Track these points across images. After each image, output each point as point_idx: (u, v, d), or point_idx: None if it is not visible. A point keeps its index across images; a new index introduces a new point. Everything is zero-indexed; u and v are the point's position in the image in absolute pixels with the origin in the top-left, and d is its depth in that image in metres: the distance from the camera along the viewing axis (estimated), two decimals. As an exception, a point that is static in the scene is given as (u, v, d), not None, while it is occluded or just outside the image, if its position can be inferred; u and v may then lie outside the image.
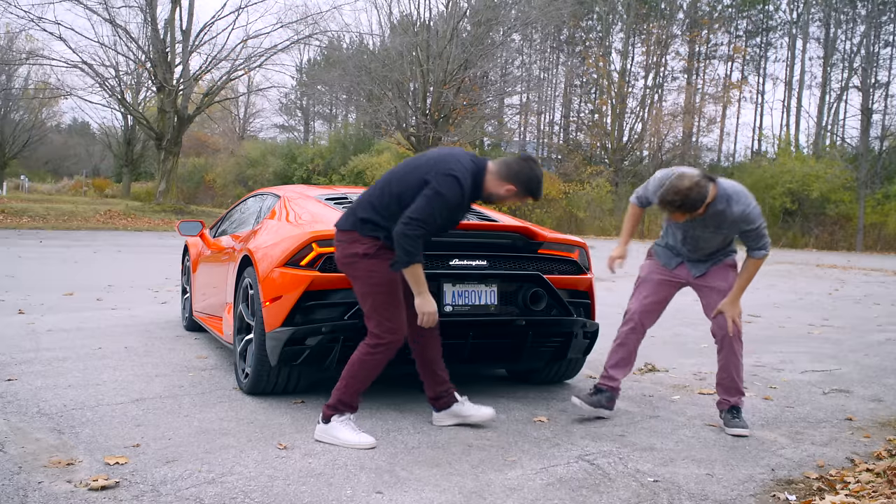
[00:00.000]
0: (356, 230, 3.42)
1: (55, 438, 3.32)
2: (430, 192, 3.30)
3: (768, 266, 17.91)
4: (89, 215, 24.50)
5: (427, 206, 3.28)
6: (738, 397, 3.88)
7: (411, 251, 3.27)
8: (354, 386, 3.45)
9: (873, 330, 7.80)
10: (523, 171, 3.44)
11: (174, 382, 4.46)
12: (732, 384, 3.87)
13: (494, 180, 3.44)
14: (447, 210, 3.35)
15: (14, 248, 14.35)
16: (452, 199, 3.33)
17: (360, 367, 3.44)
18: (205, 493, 2.76)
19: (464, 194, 3.36)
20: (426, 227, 3.29)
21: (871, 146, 32.04)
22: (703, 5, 41.64)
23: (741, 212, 3.63)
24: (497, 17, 30.60)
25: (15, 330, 5.99)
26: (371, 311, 3.43)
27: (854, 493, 2.95)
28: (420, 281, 3.36)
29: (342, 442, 3.38)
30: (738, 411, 3.86)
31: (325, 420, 3.45)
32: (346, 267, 3.49)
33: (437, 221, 3.33)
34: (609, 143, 38.91)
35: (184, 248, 6.82)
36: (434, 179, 3.32)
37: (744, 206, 3.63)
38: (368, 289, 3.42)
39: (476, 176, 3.42)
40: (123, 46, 27.78)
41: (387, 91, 28.58)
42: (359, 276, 3.43)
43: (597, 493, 2.91)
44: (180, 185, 36.22)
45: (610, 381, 3.99)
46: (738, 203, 3.62)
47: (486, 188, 3.46)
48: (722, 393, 3.91)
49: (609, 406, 3.98)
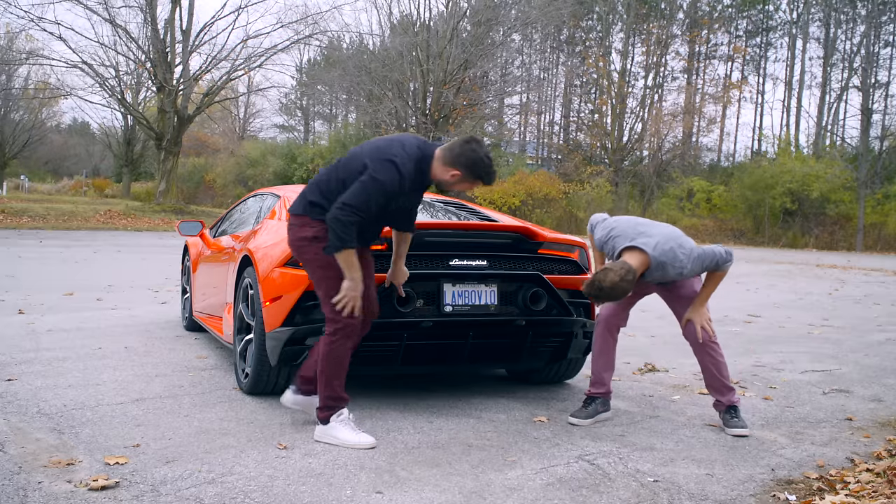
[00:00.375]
0: (307, 214, 3.40)
1: (55, 438, 3.32)
2: (366, 177, 3.23)
3: (768, 266, 17.92)
4: (89, 215, 24.50)
5: (362, 191, 3.22)
6: (730, 395, 3.87)
7: (343, 237, 3.22)
8: (333, 380, 3.42)
9: (873, 330, 7.80)
10: (464, 153, 3.31)
11: (174, 382, 4.46)
12: (720, 384, 3.85)
13: (440, 166, 3.36)
14: (384, 196, 3.26)
15: (14, 248, 14.35)
16: (389, 185, 3.24)
17: (328, 359, 3.41)
18: (205, 493, 2.76)
19: (402, 181, 3.27)
20: (360, 213, 3.22)
21: (871, 146, 32.04)
22: (703, 5, 41.64)
23: (678, 273, 3.65)
24: (497, 17, 30.62)
25: (15, 330, 5.99)
26: (325, 295, 3.40)
27: (854, 493, 2.95)
28: (352, 266, 3.30)
29: (342, 442, 3.38)
30: (735, 410, 3.86)
31: (324, 421, 3.45)
32: (297, 251, 3.47)
33: (371, 208, 3.25)
34: (609, 143, 38.92)
35: (184, 248, 6.82)
36: (372, 164, 3.26)
37: (680, 269, 3.63)
38: (321, 272, 3.39)
39: (420, 162, 3.34)
40: (123, 46, 27.83)
41: (387, 91, 28.60)
42: (310, 260, 3.41)
43: (597, 493, 2.91)
44: (180, 185, 36.21)
45: (600, 388, 3.98)
46: (673, 267, 3.61)
47: (433, 175, 3.38)
48: (714, 394, 3.91)
49: (606, 409, 3.99)
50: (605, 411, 3.99)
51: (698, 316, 3.81)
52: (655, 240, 3.60)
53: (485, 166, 3.33)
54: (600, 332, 3.98)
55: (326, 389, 3.44)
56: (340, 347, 3.40)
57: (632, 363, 5.59)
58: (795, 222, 31.34)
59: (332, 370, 3.42)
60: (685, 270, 3.65)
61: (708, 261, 3.68)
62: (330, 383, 3.43)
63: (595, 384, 3.99)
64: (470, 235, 4.12)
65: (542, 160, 45.26)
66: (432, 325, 3.87)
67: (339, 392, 3.45)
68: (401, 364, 4.04)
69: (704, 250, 3.68)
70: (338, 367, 3.42)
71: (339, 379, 3.45)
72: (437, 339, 3.96)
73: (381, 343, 3.91)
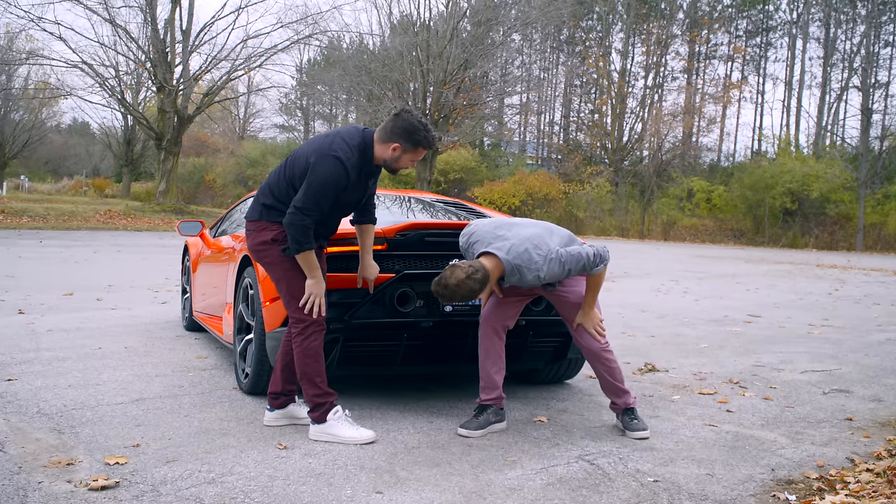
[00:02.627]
0: (263, 218, 3.42)
1: (55, 438, 3.32)
2: (311, 177, 3.26)
3: (768, 266, 17.92)
4: (89, 215, 24.51)
5: (310, 192, 3.25)
6: (626, 398, 3.74)
7: (300, 239, 3.26)
8: (315, 377, 3.43)
9: (873, 330, 7.80)
10: (398, 125, 3.32)
11: (174, 382, 4.46)
12: (615, 388, 3.74)
13: (380, 146, 3.37)
14: (333, 191, 3.29)
15: (14, 248, 14.35)
16: (335, 181, 3.26)
17: (304, 358, 3.41)
18: (205, 493, 2.76)
19: (348, 173, 3.29)
20: (312, 215, 3.25)
21: (871, 146, 32.05)
22: (703, 5, 41.67)
23: (536, 276, 3.45)
24: (497, 17, 30.60)
25: (15, 330, 5.99)
26: (288, 295, 3.42)
27: (854, 493, 2.95)
28: (312, 266, 3.33)
29: (342, 438, 3.38)
30: (633, 412, 3.75)
31: (319, 421, 3.44)
32: (259, 255, 3.48)
33: (323, 206, 3.28)
34: (609, 143, 38.93)
35: (184, 248, 6.82)
36: (315, 161, 3.27)
37: (536, 271, 3.43)
38: (282, 273, 3.41)
39: (363, 149, 3.36)
40: (123, 46, 27.84)
41: (387, 91, 28.59)
42: (272, 262, 3.43)
43: (597, 493, 2.91)
44: (180, 185, 36.23)
45: (491, 393, 3.75)
46: (528, 270, 3.43)
47: (378, 157, 3.39)
48: (610, 397, 3.80)
49: (500, 419, 3.75)
50: (498, 421, 3.72)
51: (588, 321, 3.69)
52: (510, 243, 3.44)
53: (421, 131, 3.35)
54: (485, 332, 3.75)
55: (311, 388, 3.43)
56: (314, 343, 3.41)
57: (632, 363, 5.59)
58: (795, 222, 31.35)
59: (311, 368, 3.42)
60: (542, 273, 3.43)
61: (571, 263, 3.45)
62: (312, 381, 3.43)
63: (486, 389, 3.74)
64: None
65: (542, 160, 45.28)
66: (432, 325, 3.87)
67: (324, 388, 3.45)
68: (401, 364, 4.04)
69: (569, 252, 3.45)
70: (316, 364, 3.43)
71: (321, 375, 3.45)
72: (437, 339, 3.96)
73: (381, 343, 3.91)
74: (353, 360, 3.96)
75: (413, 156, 3.41)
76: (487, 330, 3.75)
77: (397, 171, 3.48)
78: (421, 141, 3.36)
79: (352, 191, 3.40)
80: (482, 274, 3.34)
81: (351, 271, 3.82)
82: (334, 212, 3.45)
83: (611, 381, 3.74)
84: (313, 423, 3.47)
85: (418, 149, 3.38)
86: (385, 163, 3.42)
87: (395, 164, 3.42)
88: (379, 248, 3.87)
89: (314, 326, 3.41)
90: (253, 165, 39.88)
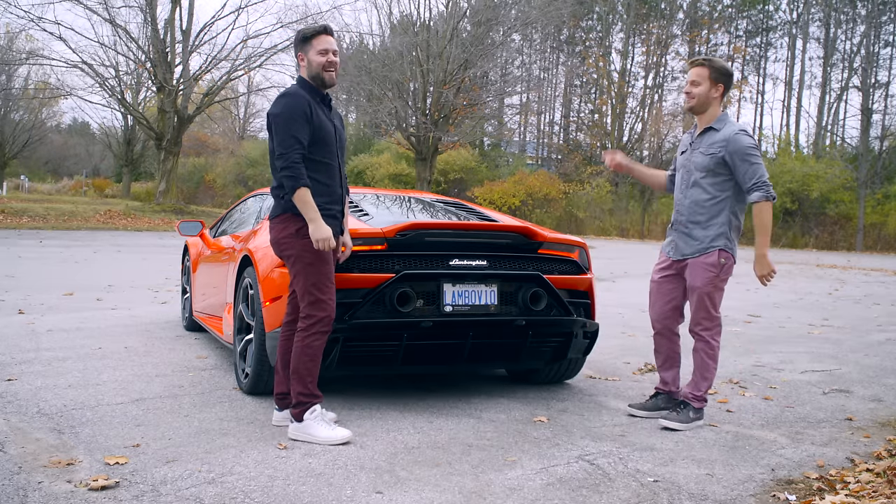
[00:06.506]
0: (288, 211, 3.43)
1: (55, 438, 3.32)
2: (275, 120, 3.38)
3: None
4: (89, 215, 24.50)
5: (279, 134, 3.36)
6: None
7: (292, 176, 3.34)
8: (307, 377, 3.44)
9: (873, 330, 7.80)
10: (300, 33, 3.54)
11: (174, 382, 4.46)
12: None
13: (302, 56, 3.49)
14: (302, 119, 3.38)
15: (14, 248, 14.35)
16: (298, 111, 3.37)
17: (304, 355, 3.42)
18: (205, 493, 2.76)
19: (305, 99, 3.41)
20: (291, 150, 3.34)
21: (871, 146, 32.04)
22: (703, 5, 41.66)
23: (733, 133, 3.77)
24: (497, 17, 30.58)
25: (15, 330, 5.99)
26: (305, 289, 3.42)
27: (854, 493, 2.95)
28: (309, 206, 3.37)
29: (317, 438, 3.38)
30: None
31: (297, 419, 3.45)
32: (281, 248, 3.50)
33: (300, 138, 3.36)
34: (609, 143, 38.90)
35: (184, 248, 6.82)
36: (271, 112, 3.42)
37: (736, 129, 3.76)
38: (302, 267, 3.42)
39: (301, 84, 3.49)
40: (123, 46, 27.83)
41: (387, 91, 28.57)
42: (294, 256, 3.45)
43: (597, 493, 2.91)
44: (180, 185, 36.22)
45: (662, 385, 4.14)
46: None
47: (310, 68, 3.47)
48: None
49: (667, 406, 4.07)
50: (664, 408, 4.07)
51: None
52: None
53: (302, 30, 3.55)
54: (655, 332, 4.12)
55: (300, 386, 3.44)
56: (317, 342, 3.43)
57: (632, 363, 5.59)
58: (795, 222, 31.34)
59: (306, 367, 3.44)
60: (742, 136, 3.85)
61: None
62: (303, 380, 3.44)
63: (660, 382, 4.17)
64: (470, 235, 4.12)
65: (542, 160, 45.28)
66: (432, 325, 3.86)
67: (313, 389, 3.47)
68: (401, 364, 4.04)
69: None
70: (312, 364, 3.45)
71: (313, 376, 3.46)
72: (437, 339, 3.96)
73: (381, 343, 3.91)
74: (353, 360, 3.96)
75: (316, 50, 3.48)
76: (654, 329, 4.14)
77: (327, 79, 3.51)
78: (307, 33, 3.51)
79: (324, 122, 3.48)
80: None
81: (351, 271, 3.82)
82: (326, 161, 3.49)
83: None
84: (292, 420, 3.48)
85: (310, 42, 3.48)
86: (316, 77, 3.49)
87: (317, 69, 3.48)
88: (379, 248, 3.87)
89: (321, 325, 3.42)
90: (253, 165, 39.86)
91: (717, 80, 3.86)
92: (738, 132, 3.77)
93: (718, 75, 3.87)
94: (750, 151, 3.74)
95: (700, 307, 3.87)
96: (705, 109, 3.89)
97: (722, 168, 3.80)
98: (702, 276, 3.83)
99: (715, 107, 3.89)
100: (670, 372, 4.12)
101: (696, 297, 3.87)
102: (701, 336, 3.89)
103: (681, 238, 3.94)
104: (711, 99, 3.87)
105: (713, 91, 3.86)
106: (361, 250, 3.85)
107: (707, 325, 3.87)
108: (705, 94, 3.86)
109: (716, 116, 3.89)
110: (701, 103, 3.87)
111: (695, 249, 3.86)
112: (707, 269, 3.82)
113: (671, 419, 3.85)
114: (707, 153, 3.83)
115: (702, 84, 3.85)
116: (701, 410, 3.93)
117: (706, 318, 3.87)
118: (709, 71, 3.86)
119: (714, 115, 3.89)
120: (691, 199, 3.89)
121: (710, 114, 3.89)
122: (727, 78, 3.91)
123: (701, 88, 3.86)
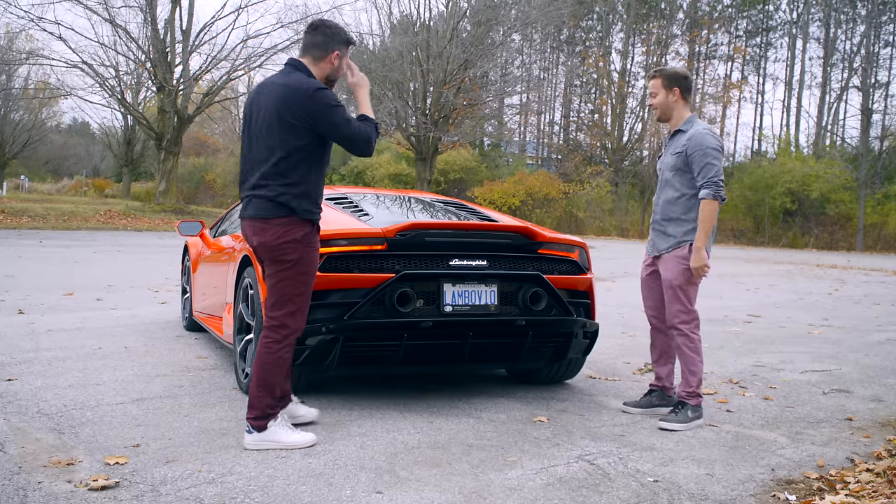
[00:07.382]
0: (294, 215, 3.31)
1: (55, 438, 3.32)
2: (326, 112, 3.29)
3: (768, 266, 17.93)
4: (89, 215, 24.50)
5: (337, 119, 3.31)
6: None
7: (370, 133, 3.43)
8: (275, 387, 3.35)
9: (873, 330, 7.80)
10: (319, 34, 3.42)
11: (174, 382, 4.46)
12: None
13: (316, 65, 3.42)
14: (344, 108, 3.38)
15: (14, 248, 14.35)
16: (334, 99, 3.35)
17: (273, 366, 3.32)
18: (205, 493, 2.76)
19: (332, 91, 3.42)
20: (363, 124, 3.40)
21: (871, 146, 32.06)
22: (703, 5, 41.67)
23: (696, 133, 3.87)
24: (497, 17, 30.58)
25: (15, 330, 5.99)
26: (289, 297, 3.31)
27: (854, 493, 2.95)
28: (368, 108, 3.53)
29: (284, 444, 3.29)
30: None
31: (260, 430, 3.30)
32: (281, 251, 3.32)
33: (349, 119, 3.35)
34: (609, 143, 38.92)
35: (184, 248, 6.82)
36: (316, 105, 3.28)
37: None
38: (292, 274, 3.30)
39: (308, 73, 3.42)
40: (123, 46, 27.81)
41: (387, 91, 28.56)
42: (291, 260, 3.30)
43: (597, 493, 2.91)
44: (180, 185, 36.22)
45: (656, 381, 4.21)
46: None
47: (322, 77, 3.42)
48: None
49: (661, 403, 4.15)
50: (659, 406, 4.17)
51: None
52: None
53: (338, 26, 3.46)
54: (651, 327, 4.26)
55: (268, 398, 3.33)
56: (286, 355, 3.35)
57: (632, 363, 5.59)
58: (795, 222, 31.35)
59: (276, 378, 3.34)
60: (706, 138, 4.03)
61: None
62: (272, 392, 3.34)
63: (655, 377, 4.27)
64: (470, 235, 4.12)
65: (542, 160, 45.29)
66: (432, 325, 3.86)
67: (277, 396, 3.39)
68: (401, 364, 4.04)
69: None
70: (279, 375, 3.36)
71: (280, 386, 3.40)
72: (437, 339, 3.95)
73: (381, 343, 3.91)
74: (353, 360, 3.96)
75: (344, 58, 3.47)
76: (650, 325, 4.26)
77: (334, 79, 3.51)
78: (351, 39, 3.50)
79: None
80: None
81: (351, 271, 3.82)
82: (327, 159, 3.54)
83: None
84: (252, 431, 3.30)
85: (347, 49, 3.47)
86: (328, 80, 3.46)
87: (335, 74, 3.48)
88: (379, 248, 3.87)
89: (294, 337, 3.36)
90: (253, 165, 39.78)
91: (670, 85, 4.03)
92: (702, 131, 3.93)
93: (670, 81, 4.03)
94: (709, 151, 3.87)
95: (674, 300, 3.95)
96: (670, 115, 4.07)
97: (689, 166, 3.94)
98: (674, 269, 3.95)
99: (679, 110, 4.05)
100: (665, 367, 4.20)
101: (670, 290, 3.97)
102: (680, 329, 3.96)
103: (657, 235, 4.10)
104: (672, 104, 4.04)
105: (670, 97, 4.03)
106: (361, 250, 3.85)
107: (685, 318, 3.95)
108: (664, 102, 4.04)
109: (683, 119, 4.06)
110: (663, 111, 4.07)
111: (669, 244, 4.00)
112: (679, 262, 3.94)
113: (669, 420, 3.86)
114: (674, 153, 4.00)
115: (658, 94, 4.05)
116: (699, 408, 3.94)
117: (682, 311, 3.95)
118: (661, 80, 4.05)
119: (681, 117, 4.06)
120: (664, 199, 4.06)
121: (676, 118, 4.07)
122: (680, 80, 4.05)
123: (659, 98, 4.05)
